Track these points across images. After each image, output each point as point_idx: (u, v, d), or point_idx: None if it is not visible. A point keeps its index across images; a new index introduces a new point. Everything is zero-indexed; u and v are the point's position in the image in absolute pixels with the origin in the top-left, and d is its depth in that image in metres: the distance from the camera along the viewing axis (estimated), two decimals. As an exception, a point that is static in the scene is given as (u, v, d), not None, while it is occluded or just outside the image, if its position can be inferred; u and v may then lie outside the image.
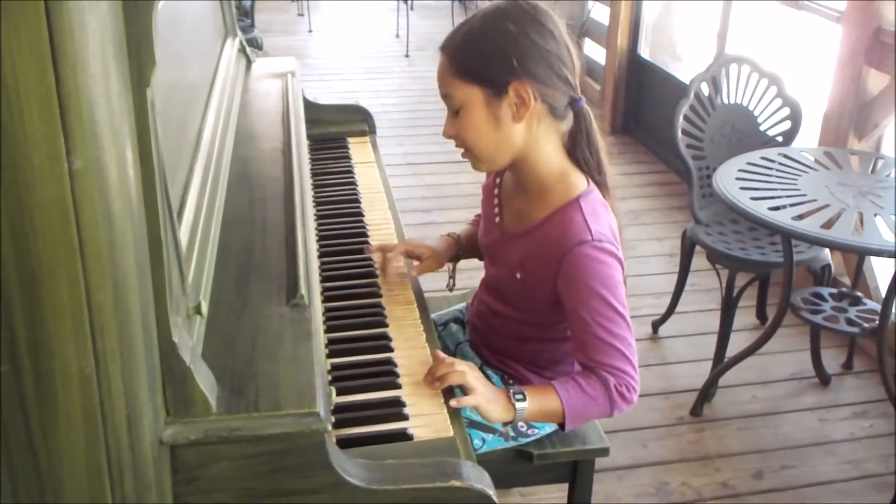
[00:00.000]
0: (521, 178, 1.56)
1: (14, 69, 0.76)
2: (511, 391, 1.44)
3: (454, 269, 1.87)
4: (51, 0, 0.75)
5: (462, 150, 1.55)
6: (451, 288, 1.87)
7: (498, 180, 1.69)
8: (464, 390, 1.40)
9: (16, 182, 0.80)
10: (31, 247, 0.82)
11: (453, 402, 1.37)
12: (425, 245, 1.80)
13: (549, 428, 1.73)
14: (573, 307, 1.46)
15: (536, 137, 1.48)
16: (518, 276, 1.56)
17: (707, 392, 2.78)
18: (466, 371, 1.40)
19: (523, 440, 1.71)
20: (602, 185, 1.55)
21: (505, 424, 1.58)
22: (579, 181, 1.51)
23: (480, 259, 1.82)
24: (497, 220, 1.66)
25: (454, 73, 1.44)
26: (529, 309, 1.62)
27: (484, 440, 1.66)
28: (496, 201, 1.68)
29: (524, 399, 1.43)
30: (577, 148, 1.52)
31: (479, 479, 1.09)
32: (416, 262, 1.77)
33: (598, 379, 1.46)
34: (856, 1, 3.07)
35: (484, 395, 1.40)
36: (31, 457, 0.91)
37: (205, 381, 0.98)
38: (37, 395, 0.88)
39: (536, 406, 1.44)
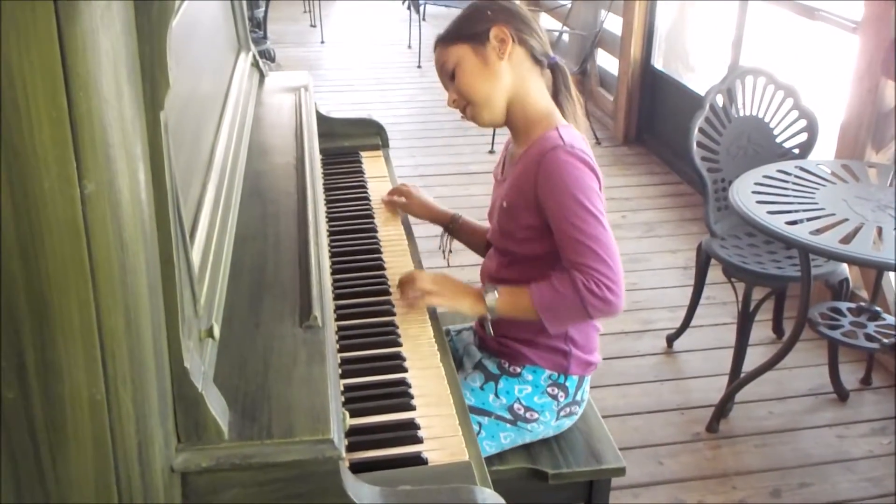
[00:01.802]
0: (514, 124, 1.73)
1: (26, 90, 0.74)
2: (484, 287, 1.65)
3: (449, 242, 2.07)
4: (64, 20, 0.73)
5: (465, 111, 1.74)
6: (444, 253, 2.08)
7: (505, 153, 1.85)
8: (430, 299, 1.65)
9: (26, 204, 0.78)
10: (42, 270, 0.81)
11: (420, 304, 1.64)
12: (410, 191, 2.10)
13: (551, 415, 1.74)
14: (550, 211, 1.58)
15: (521, 77, 1.68)
16: (504, 204, 1.69)
17: (723, 408, 2.75)
18: (433, 281, 1.65)
19: (523, 425, 1.72)
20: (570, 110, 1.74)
21: (485, 322, 1.71)
22: (561, 119, 1.69)
23: (473, 248, 2.04)
24: (500, 177, 1.81)
25: (445, 44, 1.71)
26: (515, 242, 1.70)
27: (480, 424, 1.68)
28: (502, 165, 1.83)
29: (494, 292, 1.62)
30: (560, 97, 1.73)
31: (497, 506, 1.07)
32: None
33: (568, 276, 1.55)
34: (872, 11, 3.04)
35: (449, 295, 1.65)
36: (40, 484, 0.89)
37: (216, 407, 0.96)
38: (46, 420, 0.86)
39: (508, 300, 1.62)
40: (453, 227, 2.04)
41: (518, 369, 1.73)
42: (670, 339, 3.19)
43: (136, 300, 0.85)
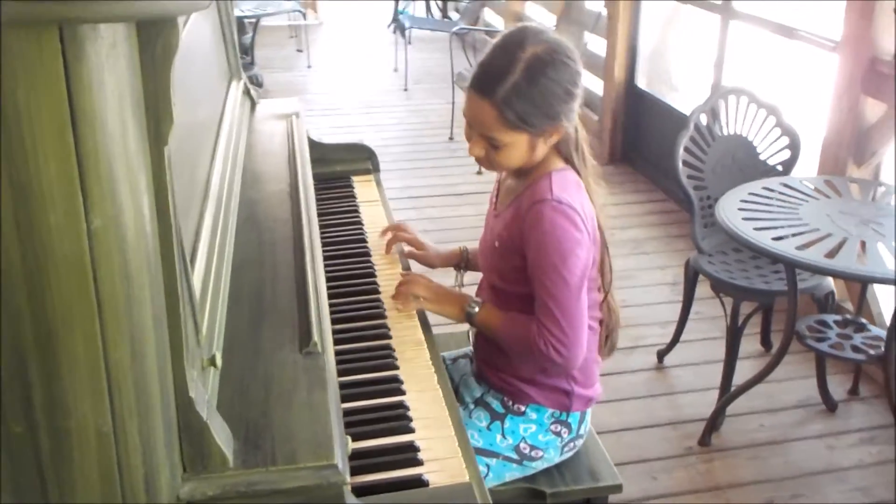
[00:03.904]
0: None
1: (33, 127, 0.76)
2: (470, 299, 1.73)
3: (462, 277, 2.07)
4: (70, 59, 0.75)
5: (482, 162, 1.69)
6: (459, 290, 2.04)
7: (499, 178, 1.85)
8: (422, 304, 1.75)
9: (33, 240, 0.80)
10: (48, 303, 0.82)
11: (409, 307, 1.74)
12: (420, 242, 2.07)
13: (555, 452, 1.75)
14: (529, 264, 1.62)
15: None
16: (496, 244, 1.72)
17: (715, 421, 2.77)
18: (424, 286, 1.75)
19: (529, 465, 1.73)
20: (585, 172, 1.71)
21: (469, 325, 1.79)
22: (557, 163, 1.68)
23: None
24: (494, 207, 1.82)
25: (505, 124, 1.56)
26: (504, 280, 1.72)
27: (488, 466, 1.69)
28: (496, 196, 1.83)
29: (476, 307, 1.71)
30: (567, 142, 1.68)
31: (498, 527, 1.08)
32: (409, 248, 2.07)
33: (531, 326, 1.60)
34: (851, 31, 3.09)
35: (434, 300, 1.75)
36: (49, 516, 0.90)
37: (221, 435, 0.98)
38: (52, 454, 0.87)
39: (485, 316, 1.71)
40: (465, 262, 2.04)
41: (522, 408, 1.74)
42: (661, 355, 3.21)
43: (142, 332, 0.87)
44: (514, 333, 1.64)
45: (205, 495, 0.95)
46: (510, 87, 1.53)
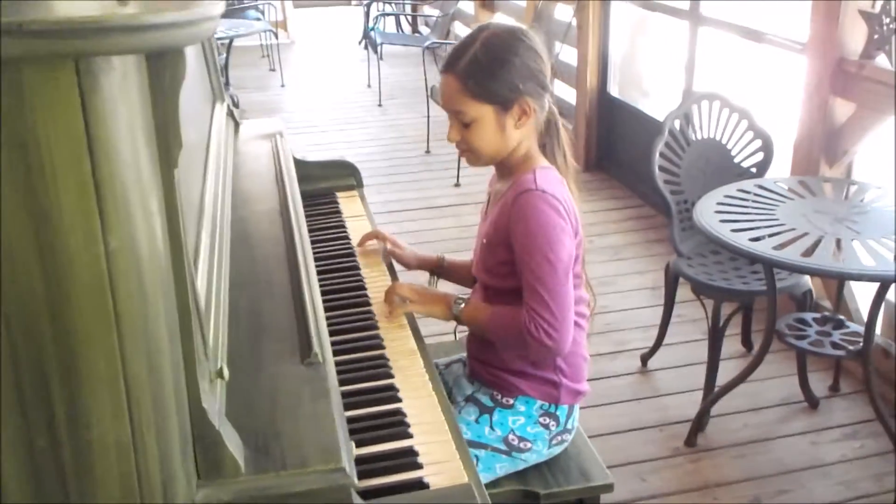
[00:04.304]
0: (502, 168, 1.82)
1: (52, 157, 0.80)
2: (455, 297, 1.81)
3: (436, 283, 2.15)
4: (86, 91, 0.79)
5: (463, 152, 1.79)
6: None
7: (490, 190, 1.92)
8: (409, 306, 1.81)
9: (54, 263, 0.83)
10: (69, 323, 0.86)
11: (398, 312, 1.80)
12: (399, 243, 2.17)
13: (543, 444, 1.80)
14: (517, 252, 1.69)
15: (524, 135, 1.75)
16: (484, 241, 1.79)
17: (700, 422, 2.83)
18: (410, 290, 1.83)
19: (518, 457, 1.78)
20: (566, 173, 1.80)
21: (457, 323, 1.85)
22: (541, 160, 1.77)
23: (462, 284, 2.11)
24: (485, 214, 1.90)
25: (468, 95, 1.69)
26: (491, 275, 1.79)
27: (478, 457, 1.74)
28: (487, 202, 1.91)
29: (462, 303, 1.79)
30: (550, 141, 1.80)
31: (499, 524, 1.13)
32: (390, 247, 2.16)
33: (521, 312, 1.66)
34: (818, 32, 3.18)
35: (420, 301, 1.83)
36: (71, 528, 0.93)
37: (233, 443, 1.02)
38: (74, 466, 0.91)
39: (471, 312, 1.79)
40: (440, 270, 2.13)
41: (511, 400, 1.79)
42: (644, 359, 3.27)
43: (158, 347, 0.91)
44: (503, 324, 1.71)
45: (220, 500, 0.99)
46: (469, 58, 1.68)
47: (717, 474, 2.68)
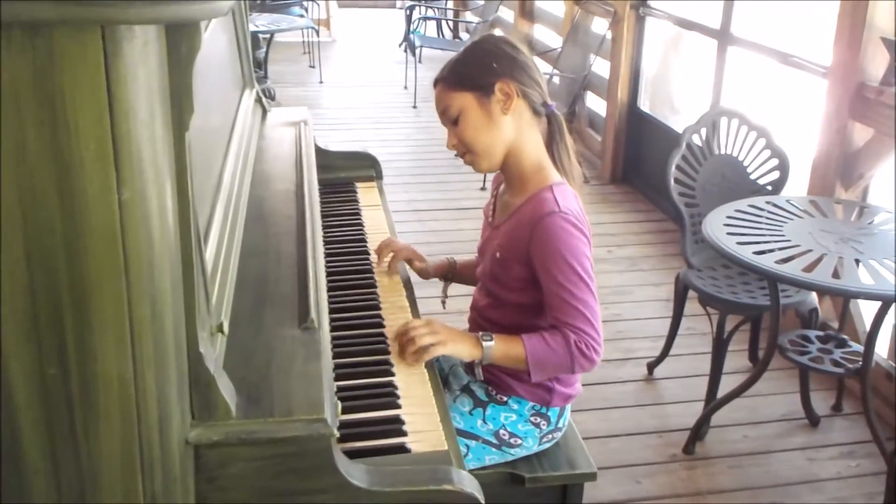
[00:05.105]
0: (508, 172, 1.81)
1: (76, 114, 0.90)
2: (480, 334, 1.70)
3: (446, 288, 2.14)
4: (110, 55, 0.89)
5: (464, 157, 1.80)
6: (443, 303, 2.13)
7: (496, 192, 1.93)
8: (435, 350, 1.66)
9: (73, 210, 0.93)
10: (83, 265, 0.96)
11: (424, 358, 1.64)
12: (420, 255, 2.12)
13: (534, 441, 1.85)
14: (542, 272, 1.68)
15: (521, 129, 1.75)
16: (497, 255, 1.78)
17: (699, 430, 2.88)
18: (431, 332, 1.66)
19: (508, 451, 1.84)
20: (571, 181, 1.80)
21: (476, 366, 1.78)
22: (554, 175, 1.77)
23: (474, 284, 2.03)
24: (491, 219, 1.91)
25: (448, 87, 1.74)
26: (505, 290, 1.79)
27: (468, 447, 1.79)
28: (493, 206, 1.93)
29: (491, 340, 1.69)
30: (554, 145, 1.79)
31: (469, 485, 1.21)
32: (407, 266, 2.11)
33: (561, 335, 1.66)
34: (840, 57, 3.23)
35: (451, 342, 1.68)
36: (74, 451, 1.03)
37: (226, 389, 1.11)
38: (81, 395, 1.01)
39: (502, 348, 1.69)
40: (454, 274, 2.12)
41: (504, 398, 1.84)
42: (651, 367, 3.33)
43: (161, 294, 1.00)
44: (546, 352, 1.66)
45: (210, 440, 1.08)
46: (451, 62, 1.76)
47: (711, 482, 2.73)
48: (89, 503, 1.05)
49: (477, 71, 1.71)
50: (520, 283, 1.75)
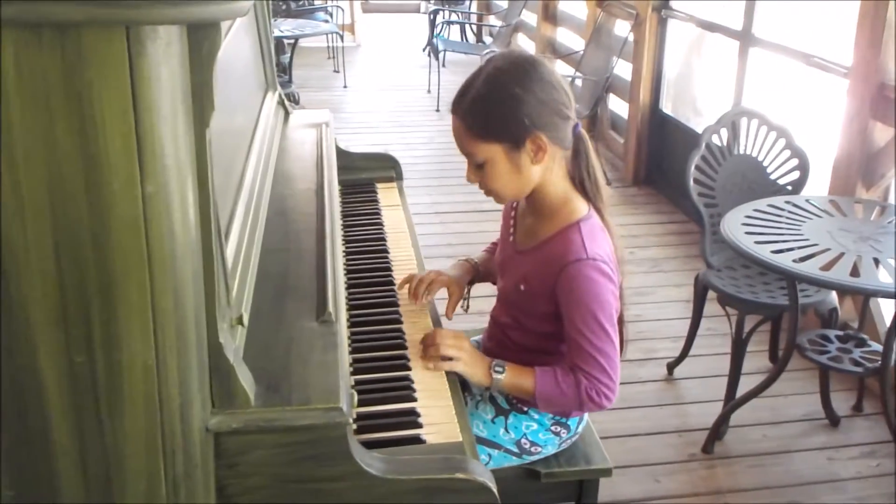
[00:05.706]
0: (533, 201, 1.75)
1: (102, 110, 0.94)
2: (493, 362, 1.68)
3: (468, 292, 2.05)
4: (134, 54, 0.93)
5: (486, 193, 1.73)
6: (466, 309, 2.05)
7: (514, 204, 1.88)
8: (452, 365, 1.65)
9: (99, 202, 0.98)
10: (109, 257, 1.00)
11: (442, 367, 1.63)
12: (451, 280, 1.96)
13: (553, 447, 1.87)
14: (566, 315, 1.66)
15: (549, 169, 1.67)
16: (521, 287, 1.75)
17: (718, 429, 2.89)
18: (455, 347, 1.65)
19: (528, 458, 1.85)
20: (599, 203, 1.74)
21: (486, 389, 1.78)
22: (581, 206, 1.71)
23: (494, 283, 1.98)
24: (511, 238, 1.86)
25: (473, 135, 1.62)
26: (529, 318, 1.78)
27: (490, 455, 1.81)
28: (512, 222, 1.87)
29: (502, 372, 1.67)
30: (578, 168, 1.71)
31: (482, 474, 1.24)
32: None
33: (574, 378, 1.66)
34: (861, 57, 3.23)
35: (467, 363, 1.66)
36: (100, 435, 1.07)
37: (245, 378, 1.15)
38: (107, 382, 1.05)
39: (512, 380, 1.68)
40: (476, 278, 2.05)
41: (525, 408, 1.85)
42: (670, 367, 3.34)
43: (183, 284, 1.05)
44: (555, 391, 1.66)
45: (229, 427, 1.12)
46: (472, 96, 1.61)
47: (730, 481, 2.74)
48: (114, 484, 1.09)
49: (504, 123, 1.59)
50: (544, 316, 1.74)
